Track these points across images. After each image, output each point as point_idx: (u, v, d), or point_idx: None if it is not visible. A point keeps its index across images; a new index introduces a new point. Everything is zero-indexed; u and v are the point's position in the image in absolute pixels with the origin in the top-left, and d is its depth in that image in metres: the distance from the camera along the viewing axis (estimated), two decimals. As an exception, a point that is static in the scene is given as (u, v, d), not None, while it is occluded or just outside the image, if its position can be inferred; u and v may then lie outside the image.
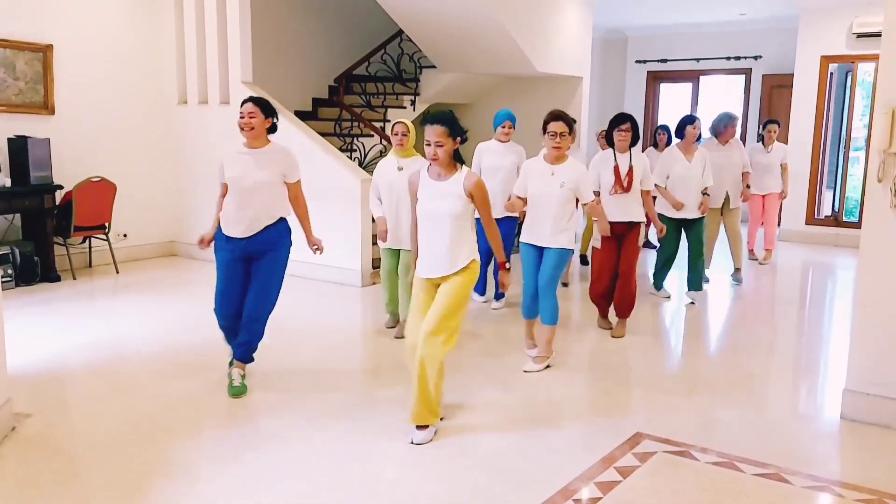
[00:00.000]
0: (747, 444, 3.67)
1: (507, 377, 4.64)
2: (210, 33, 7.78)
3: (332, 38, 9.76)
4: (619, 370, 4.92)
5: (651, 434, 3.74)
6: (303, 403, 4.16)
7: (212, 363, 4.80)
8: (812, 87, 9.96)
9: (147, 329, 5.60)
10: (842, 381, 4.04)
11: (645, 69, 13.02)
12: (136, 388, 4.40)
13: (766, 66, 11.80)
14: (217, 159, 4.38)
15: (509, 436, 3.78)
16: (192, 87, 8.03)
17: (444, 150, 3.62)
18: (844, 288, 7.95)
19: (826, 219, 10.21)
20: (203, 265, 7.88)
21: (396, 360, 4.96)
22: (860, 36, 9.40)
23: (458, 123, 3.69)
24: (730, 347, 5.57)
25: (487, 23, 7.82)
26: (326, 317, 6.13)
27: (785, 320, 6.49)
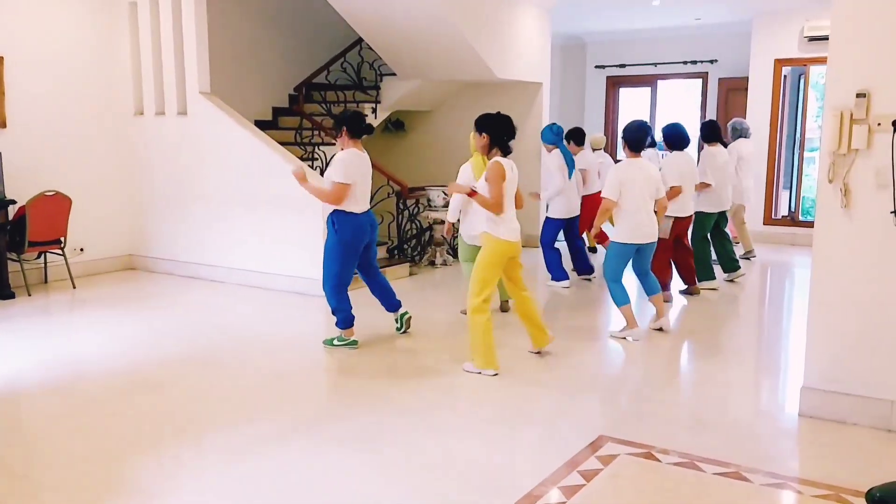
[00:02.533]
0: (708, 443, 3.71)
1: (466, 382, 4.64)
2: (166, 43, 7.68)
3: (291, 47, 9.70)
4: (578, 374, 4.94)
5: (613, 436, 3.77)
6: (264, 417, 4.12)
7: (172, 379, 4.74)
8: (766, 89, 10.16)
9: (105, 345, 5.49)
10: (800, 378, 4.11)
11: (604, 74, 13.15)
12: (95, 406, 4.30)
13: (722, 69, 12.01)
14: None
15: (470, 442, 3.78)
16: (148, 97, 7.92)
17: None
18: (802, 286, 8.10)
19: (783, 218, 10.40)
20: (162, 278, 7.78)
21: (357, 370, 4.93)
22: (811, 39, 9.62)
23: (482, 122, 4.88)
24: (690, 348, 5.63)
25: (447, 30, 7.84)
26: (288, 327, 6.07)
27: (744, 320, 6.60)
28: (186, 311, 6.58)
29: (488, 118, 4.85)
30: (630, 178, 5.48)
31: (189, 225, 7.78)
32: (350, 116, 5.18)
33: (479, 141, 4.84)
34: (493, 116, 4.86)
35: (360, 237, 5.21)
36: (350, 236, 5.14)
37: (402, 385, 4.65)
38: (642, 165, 5.58)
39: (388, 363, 5.09)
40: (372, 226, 5.34)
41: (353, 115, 5.20)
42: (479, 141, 4.85)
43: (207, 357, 5.21)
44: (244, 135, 7.33)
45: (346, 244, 5.15)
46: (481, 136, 4.80)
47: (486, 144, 4.81)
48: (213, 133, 7.51)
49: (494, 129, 4.77)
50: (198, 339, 5.64)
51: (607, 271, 5.68)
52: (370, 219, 5.32)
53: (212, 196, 7.59)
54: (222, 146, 7.47)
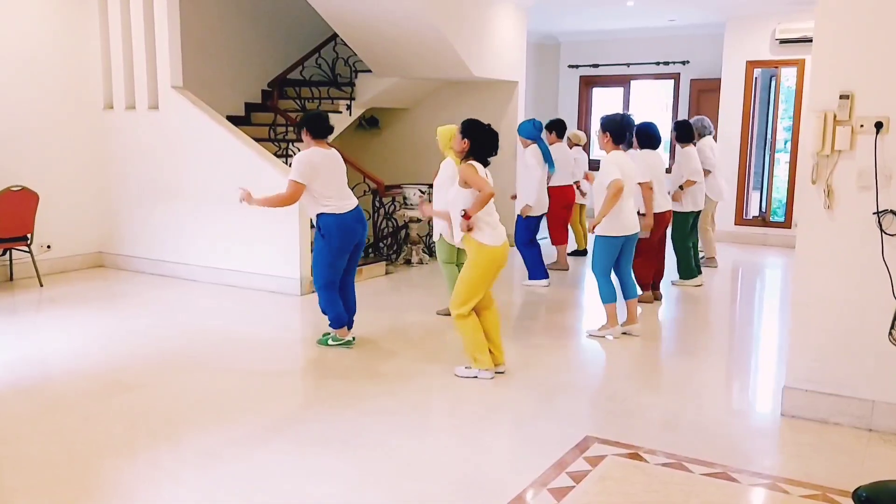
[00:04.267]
0: (694, 444, 3.71)
1: (447, 383, 4.59)
2: (137, 35, 7.50)
3: (264, 41, 9.56)
4: (559, 374, 4.92)
5: (600, 437, 3.75)
6: (241, 418, 4.03)
7: (145, 380, 4.62)
8: (738, 91, 10.26)
9: (75, 346, 5.34)
10: (781, 378, 4.13)
11: (577, 74, 13.19)
12: (65, 408, 4.17)
13: (694, 70, 12.11)
14: None
15: (454, 443, 3.73)
16: (118, 91, 7.74)
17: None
18: (774, 287, 8.19)
19: (754, 219, 10.51)
20: (133, 276, 7.61)
21: (335, 371, 4.85)
22: (783, 42, 9.73)
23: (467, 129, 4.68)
24: (669, 349, 5.65)
25: (424, 28, 7.77)
26: (263, 327, 5.96)
27: (720, 320, 6.64)
28: (159, 310, 6.43)
29: (478, 127, 4.63)
30: (622, 167, 5.48)
31: (161, 222, 7.62)
32: (310, 118, 5.09)
33: (460, 144, 4.63)
34: (482, 127, 4.63)
35: (349, 237, 5.07)
36: (338, 239, 5.02)
37: (382, 386, 4.58)
38: (625, 158, 5.60)
39: (365, 364, 5.02)
40: (361, 223, 5.18)
41: (314, 117, 5.11)
42: (459, 144, 4.64)
43: (182, 357, 5.09)
44: (218, 130, 7.19)
45: (333, 247, 5.04)
46: (463, 141, 4.60)
47: (464, 150, 4.60)
48: (186, 128, 7.36)
49: (479, 141, 4.59)
50: (171, 339, 5.51)
51: (597, 266, 5.64)
52: (358, 216, 5.16)
53: (185, 192, 7.44)
54: (195, 142, 7.32)
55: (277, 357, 5.24)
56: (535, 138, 7.36)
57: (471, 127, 4.64)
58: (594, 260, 5.69)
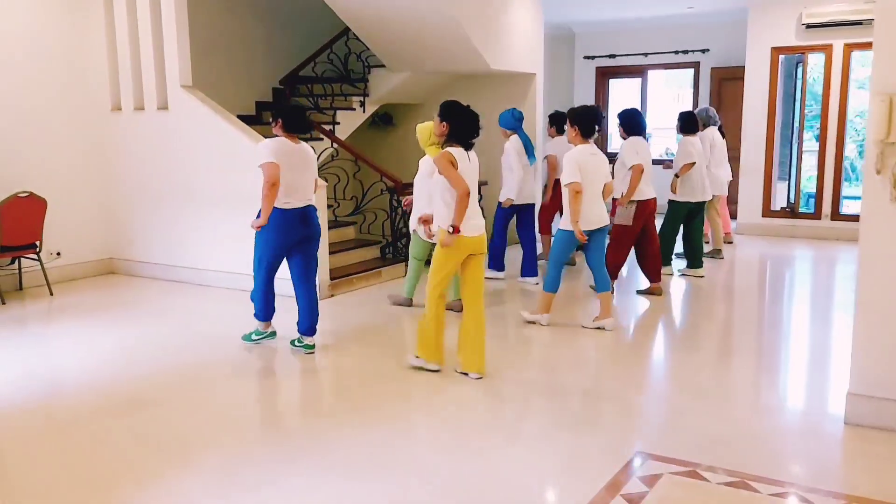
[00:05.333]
0: (754, 458, 3.42)
1: (480, 394, 4.32)
2: (144, 33, 7.25)
3: (275, 38, 9.30)
4: (592, 381, 4.64)
5: (652, 453, 3.46)
6: (260, 436, 3.77)
7: (157, 396, 4.36)
8: (763, 79, 9.92)
9: (85, 358, 5.10)
10: (835, 381, 3.84)
11: (593, 65, 12.89)
12: (74, 428, 3.92)
13: (714, 59, 11.78)
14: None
15: (496, 463, 3.45)
16: (126, 92, 7.49)
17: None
18: (810, 281, 7.88)
19: (781, 210, 10.18)
20: (145, 283, 7.37)
21: (358, 380, 4.59)
22: (809, 27, 9.39)
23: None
24: (704, 350, 5.34)
25: (439, 19, 7.50)
26: (280, 335, 5.69)
27: (753, 317, 6.33)
28: (171, 318, 6.18)
29: (456, 109, 4.47)
30: (584, 164, 5.36)
31: (172, 226, 7.37)
32: (289, 110, 5.00)
33: (439, 128, 4.47)
34: (460, 107, 4.49)
35: (287, 234, 4.96)
36: (274, 233, 4.94)
37: (410, 398, 4.32)
38: (593, 151, 5.50)
39: (390, 372, 4.74)
40: (305, 221, 5.02)
41: (293, 110, 5.03)
42: (438, 128, 4.48)
43: (195, 370, 4.83)
44: (230, 130, 6.93)
45: (267, 241, 5.00)
46: (442, 124, 4.43)
47: (444, 133, 4.44)
48: (197, 129, 7.10)
49: (458, 122, 4.42)
50: (184, 349, 5.26)
51: (554, 256, 5.59)
52: (303, 216, 5.01)
53: (196, 195, 7.18)
54: (207, 142, 7.07)
55: (295, 366, 4.98)
56: (514, 129, 7.27)
57: (449, 109, 4.47)
58: (552, 249, 5.64)
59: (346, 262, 7.40)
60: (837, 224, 9.67)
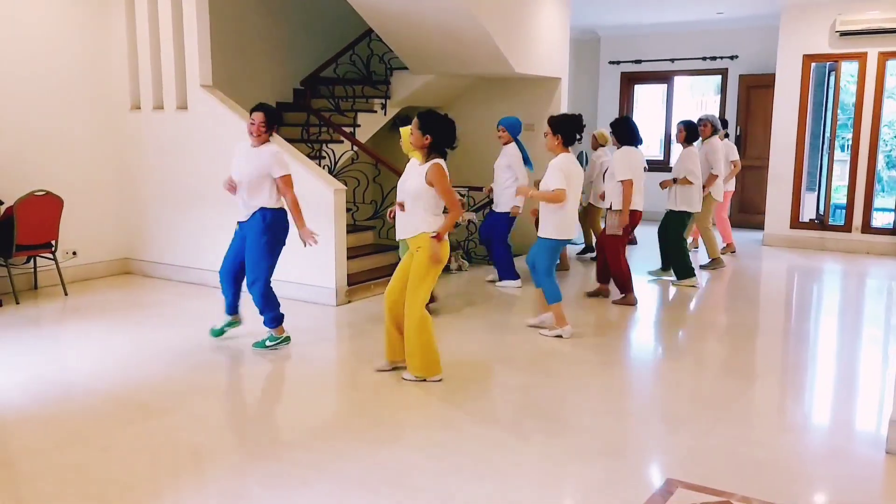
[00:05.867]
0: (793, 489, 3.24)
1: (503, 411, 4.15)
2: (165, 33, 7.16)
3: (296, 38, 9.19)
4: (615, 401, 4.46)
5: (683, 480, 3.29)
6: (274, 450, 3.63)
7: (169, 403, 4.24)
8: (794, 87, 9.69)
9: (99, 362, 4.99)
10: (872, 405, 3.65)
11: (619, 70, 12.69)
12: (85, 437, 3.79)
13: (743, 66, 11.55)
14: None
15: (522, 487, 3.28)
16: (145, 91, 7.40)
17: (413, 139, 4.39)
18: (834, 294, 7.65)
19: (810, 222, 9.94)
20: (161, 284, 7.27)
21: (375, 392, 4.44)
22: (843, 34, 9.15)
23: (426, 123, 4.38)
24: (728, 369, 5.14)
25: (463, 21, 7.35)
26: (297, 342, 5.55)
27: (779, 334, 6.11)
28: (187, 321, 6.07)
29: (438, 120, 4.38)
30: (568, 173, 5.35)
31: (189, 226, 7.27)
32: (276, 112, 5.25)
33: (420, 140, 4.37)
34: (442, 120, 4.40)
35: (286, 233, 5.19)
36: (282, 236, 5.14)
37: (429, 412, 4.17)
38: (574, 160, 5.49)
39: (408, 385, 4.60)
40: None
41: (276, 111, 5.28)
42: (419, 140, 4.37)
43: (211, 376, 4.71)
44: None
45: (278, 241, 5.13)
46: (424, 137, 4.35)
47: (425, 146, 4.37)
48: (216, 129, 7.00)
49: (441, 134, 4.36)
50: (200, 354, 5.14)
51: (542, 268, 5.52)
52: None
53: (214, 196, 7.06)
54: (226, 143, 6.92)
55: (312, 375, 4.84)
56: (516, 136, 7.26)
57: (430, 120, 4.37)
58: (537, 262, 5.54)
59: (363, 268, 7.26)
60: (868, 237, 9.43)
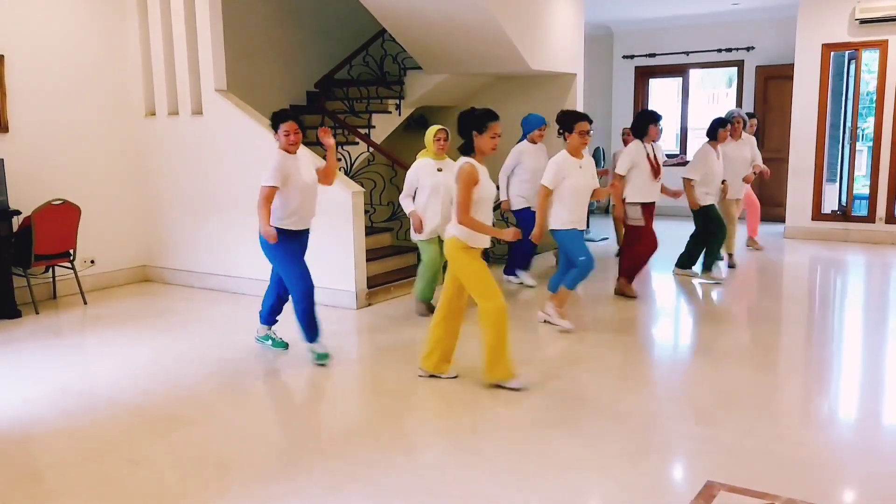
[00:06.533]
0: (838, 489, 3.15)
1: (534, 416, 4.07)
2: (178, 37, 7.13)
3: (309, 41, 9.14)
4: (645, 401, 4.36)
5: (725, 483, 3.19)
6: (306, 462, 3.56)
7: (194, 415, 4.18)
8: (814, 77, 9.55)
9: (122, 372, 4.94)
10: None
11: (632, 64, 12.56)
12: (112, 450, 3.75)
13: (759, 56, 11.40)
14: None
15: (560, 495, 3.21)
16: (160, 97, 7.37)
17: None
18: (859, 285, 7.52)
19: (833, 213, 9.79)
20: (180, 291, 7.24)
21: (405, 398, 4.37)
22: (863, 22, 9.00)
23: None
24: (760, 365, 5.04)
25: (478, 19, 7.27)
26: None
27: (814, 328, 6.00)
28: (208, 328, 6.02)
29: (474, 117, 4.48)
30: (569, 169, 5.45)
31: (208, 233, 7.23)
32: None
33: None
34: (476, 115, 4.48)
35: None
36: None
37: (461, 419, 4.10)
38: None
39: (437, 390, 4.52)
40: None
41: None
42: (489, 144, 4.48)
43: (239, 384, 4.65)
44: (266, 135, 6.76)
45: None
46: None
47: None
48: (232, 133, 6.96)
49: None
50: (226, 362, 5.08)
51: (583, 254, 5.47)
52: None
53: (232, 201, 7.03)
54: (243, 147, 6.92)
55: (338, 382, 4.78)
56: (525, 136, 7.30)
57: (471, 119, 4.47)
58: (572, 252, 5.51)
59: (382, 270, 7.20)
60: (893, 227, 9.27)
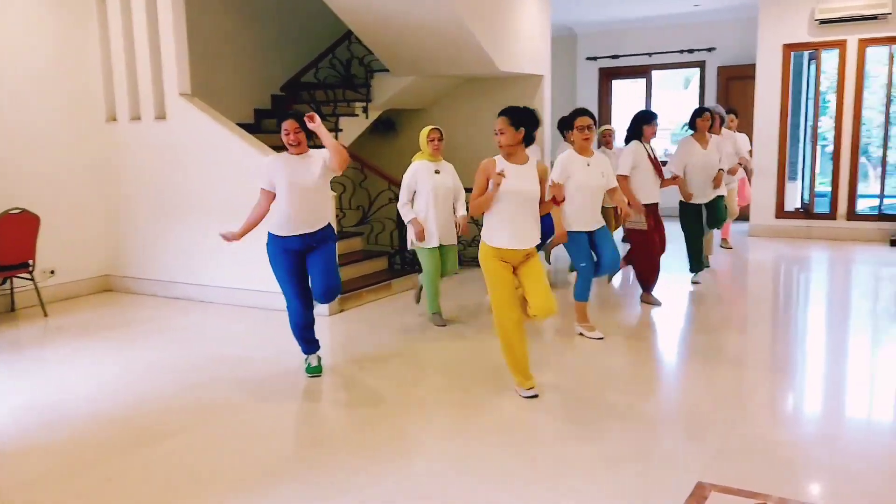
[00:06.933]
0: (828, 489, 3.15)
1: (518, 417, 4.02)
2: (140, 41, 6.94)
3: (274, 43, 9.00)
4: (636, 401, 4.35)
5: (715, 484, 3.17)
6: (289, 475, 3.45)
7: (169, 427, 4.04)
8: (775, 77, 9.70)
9: (89, 385, 4.76)
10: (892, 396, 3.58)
11: (596, 66, 12.64)
12: (82, 467, 3.59)
13: (720, 57, 11.56)
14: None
15: (550, 498, 3.15)
16: (121, 101, 7.17)
17: (505, 137, 4.17)
18: (827, 284, 7.63)
19: (796, 211, 9.95)
20: (145, 300, 7.04)
21: (385, 405, 4.28)
22: (823, 22, 9.17)
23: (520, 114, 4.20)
24: (749, 365, 5.06)
25: (445, 21, 7.22)
26: (294, 356, 5.38)
27: (791, 328, 6.06)
28: (176, 338, 5.86)
29: (523, 111, 4.27)
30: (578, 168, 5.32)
31: (174, 241, 7.05)
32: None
33: (515, 136, 4.20)
34: (525, 110, 4.28)
35: (275, 253, 4.84)
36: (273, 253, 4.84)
37: (442, 424, 4.03)
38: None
39: (416, 395, 4.44)
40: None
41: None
42: (513, 137, 4.19)
43: (212, 396, 4.51)
44: (233, 139, 6.62)
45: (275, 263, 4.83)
46: (518, 132, 4.20)
47: (519, 140, 4.23)
48: (197, 138, 6.79)
49: (530, 125, 4.27)
50: (194, 372, 4.94)
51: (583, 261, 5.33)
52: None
53: (198, 208, 6.87)
54: (208, 152, 6.76)
55: (317, 390, 4.67)
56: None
57: (519, 113, 4.24)
58: (571, 257, 5.46)
59: (354, 275, 7.09)
60: (854, 224, 9.45)
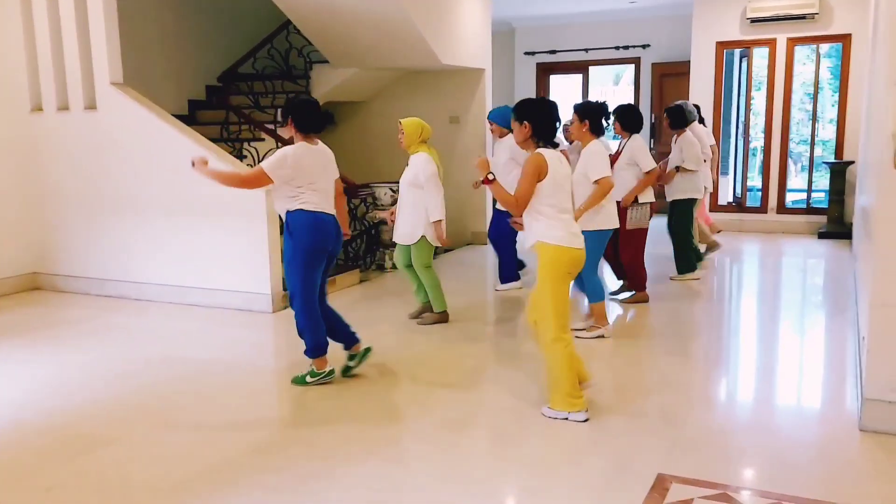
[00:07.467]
0: (781, 475, 3.21)
1: (470, 413, 3.99)
2: (68, 27, 6.61)
3: (209, 32, 8.72)
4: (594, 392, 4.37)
5: (676, 475, 3.21)
6: (242, 479, 3.34)
7: (112, 433, 3.85)
8: (709, 73, 9.93)
9: (21, 390, 4.51)
10: (840, 385, 3.68)
11: (534, 61, 12.71)
12: (19, 478, 3.38)
13: (655, 54, 11.77)
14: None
15: (513, 494, 3.13)
16: (48, 90, 6.82)
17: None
18: (767, 276, 7.87)
19: (729, 205, 10.23)
20: (77, 300, 6.73)
21: (337, 407, 4.19)
22: (754, 21, 9.43)
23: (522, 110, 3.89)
24: (700, 356, 5.14)
25: (389, 12, 7.13)
26: (239, 353, 5.22)
27: (740, 320, 6.21)
28: (113, 339, 5.60)
29: (535, 105, 3.91)
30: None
31: (107, 236, 6.75)
32: (299, 106, 4.26)
33: (521, 133, 3.88)
34: (538, 102, 3.94)
35: (322, 240, 4.30)
36: (309, 239, 4.25)
37: (400, 424, 3.96)
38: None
39: (370, 396, 4.37)
40: (338, 231, 4.45)
41: (303, 105, 4.27)
42: (520, 133, 3.89)
43: (154, 399, 4.32)
44: (167, 131, 6.38)
45: (306, 249, 4.25)
46: (523, 126, 3.86)
47: (527, 137, 3.87)
48: (130, 129, 6.52)
49: (541, 120, 3.87)
50: (135, 375, 4.72)
51: (589, 264, 4.98)
52: (336, 223, 4.43)
53: (131, 202, 6.60)
54: (142, 144, 6.50)
55: (261, 390, 4.54)
56: (509, 128, 6.84)
57: (527, 107, 3.90)
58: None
59: (297, 271, 6.92)
60: (784, 217, 9.78)
